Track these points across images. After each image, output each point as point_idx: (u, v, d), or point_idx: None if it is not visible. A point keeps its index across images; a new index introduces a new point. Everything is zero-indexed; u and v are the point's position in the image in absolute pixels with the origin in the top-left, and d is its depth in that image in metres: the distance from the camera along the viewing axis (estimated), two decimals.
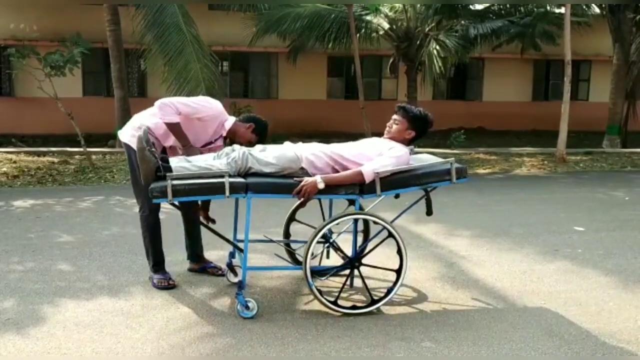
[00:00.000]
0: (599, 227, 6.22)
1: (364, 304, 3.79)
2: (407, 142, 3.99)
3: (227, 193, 3.52)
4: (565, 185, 9.35)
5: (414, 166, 3.87)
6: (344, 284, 3.94)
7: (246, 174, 3.70)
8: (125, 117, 10.39)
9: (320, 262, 4.30)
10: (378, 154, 3.82)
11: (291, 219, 4.52)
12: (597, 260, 5.02)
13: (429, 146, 13.74)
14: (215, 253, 4.73)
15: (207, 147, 4.17)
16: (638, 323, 3.69)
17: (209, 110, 4.05)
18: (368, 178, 3.68)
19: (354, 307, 3.73)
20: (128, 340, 3.32)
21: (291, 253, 4.42)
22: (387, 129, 4.02)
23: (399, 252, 3.79)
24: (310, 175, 3.68)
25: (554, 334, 3.49)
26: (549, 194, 8.44)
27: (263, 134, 4.22)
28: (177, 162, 3.67)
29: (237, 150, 3.74)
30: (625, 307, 3.95)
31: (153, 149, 3.64)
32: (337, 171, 3.78)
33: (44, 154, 11.53)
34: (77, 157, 11.03)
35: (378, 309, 3.76)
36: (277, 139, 4.07)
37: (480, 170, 10.83)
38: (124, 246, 5.18)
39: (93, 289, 4.13)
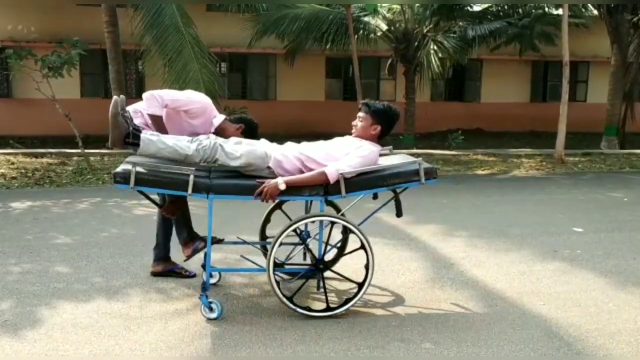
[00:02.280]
0: (597, 228, 6.22)
1: (335, 305, 3.74)
2: (376, 139, 3.91)
3: (190, 191, 3.46)
4: (564, 186, 9.35)
5: (380, 166, 3.77)
6: (318, 287, 3.88)
7: (212, 168, 3.65)
8: None
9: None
10: (345, 153, 3.75)
11: (266, 222, 4.47)
12: (596, 261, 5.02)
13: (427, 147, 13.79)
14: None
15: None
16: (637, 324, 3.68)
17: (197, 103, 4.04)
18: (332, 178, 3.59)
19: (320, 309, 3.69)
20: (126, 342, 3.31)
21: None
22: (354, 128, 3.95)
23: (366, 262, 3.72)
24: (276, 176, 3.64)
25: (554, 335, 3.49)
26: (547, 195, 8.44)
27: (253, 137, 4.13)
28: (148, 134, 3.63)
29: (210, 139, 3.70)
30: (624, 308, 3.94)
31: (126, 114, 3.61)
32: (305, 172, 3.71)
33: (42, 155, 11.52)
34: (75, 158, 11.02)
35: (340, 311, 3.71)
36: (275, 140, 4.03)
37: (479, 171, 10.83)
38: (122, 247, 5.17)
39: (91, 291, 4.12)
